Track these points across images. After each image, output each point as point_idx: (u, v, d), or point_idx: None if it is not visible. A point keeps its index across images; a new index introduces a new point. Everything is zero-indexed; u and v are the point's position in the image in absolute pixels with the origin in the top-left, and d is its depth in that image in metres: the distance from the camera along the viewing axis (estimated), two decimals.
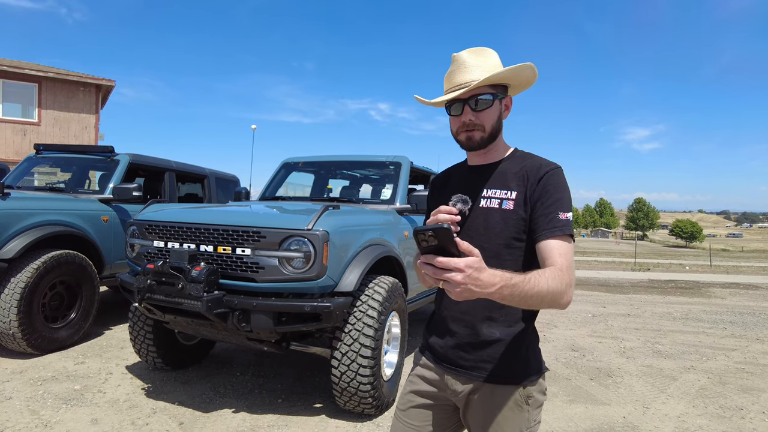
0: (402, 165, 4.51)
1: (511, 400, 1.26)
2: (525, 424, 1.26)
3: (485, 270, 0.97)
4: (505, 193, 1.28)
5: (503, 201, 1.27)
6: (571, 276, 1.13)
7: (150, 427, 2.86)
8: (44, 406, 3.09)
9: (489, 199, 1.30)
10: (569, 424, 3.15)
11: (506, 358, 1.26)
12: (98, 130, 16.06)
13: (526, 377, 1.27)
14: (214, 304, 2.71)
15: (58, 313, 4.28)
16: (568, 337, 5.64)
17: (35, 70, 14.88)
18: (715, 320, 7.07)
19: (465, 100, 1.29)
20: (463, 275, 0.93)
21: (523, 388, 1.26)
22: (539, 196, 1.23)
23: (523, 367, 1.27)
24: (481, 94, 1.28)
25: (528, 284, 1.04)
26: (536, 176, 1.25)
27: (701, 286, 11.84)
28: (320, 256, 2.78)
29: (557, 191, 1.23)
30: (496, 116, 1.31)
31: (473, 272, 0.94)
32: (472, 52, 1.29)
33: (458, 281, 0.93)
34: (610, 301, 8.77)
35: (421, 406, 1.38)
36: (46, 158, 5.74)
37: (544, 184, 1.23)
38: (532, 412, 1.27)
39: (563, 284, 1.10)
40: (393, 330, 3.45)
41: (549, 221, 1.19)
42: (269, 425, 2.96)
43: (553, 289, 1.07)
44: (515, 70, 1.26)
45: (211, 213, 3.21)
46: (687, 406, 3.53)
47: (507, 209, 1.26)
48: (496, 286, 0.98)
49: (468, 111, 1.28)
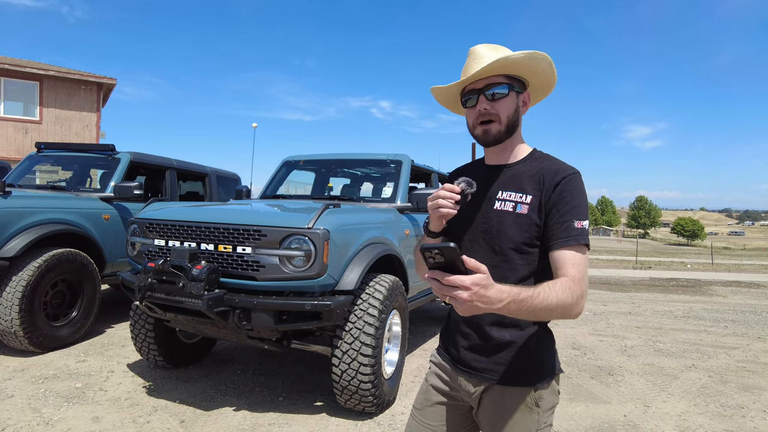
0: (403, 163, 4.51)
1: (522, 402, 1.25)
2: (534, 426, 1.25)
3: (492, 287, 0.97)
4: (521, 197, 1.25)
5: (518, 205, 1.25)
6: (583, 287, 1.13)
7: (151, 425, 2.87)
8: (46, 404, 3.10)
9: (504, 202, 1.27)
10: (570, 422, 3.15)
11: (517, 361, 1.25)
12: (99, 129, 16.08)
13: (538, 379, 1.26)
14: (215, 302, 2.72)
15: (59, 311, 4.29)
16: (569, 335, 5.64)
17: (36, 68, 14.90)
18: (716, 318, 7.06)
19: (480, 90, 1.27)
20: (469, 293, 0.94)
21: (534, 391, 1.25)
22: (555, 202, 1.20)
23: (535, 370, 1.26)
24: (497, 84, 1.26)
25: (537, 299, 1.04)
26: (553, 181, 1.22)
27: (703, 284, 11.83)
28: (321, 254, 2.78)
29: (574, 198, 1.20)
30: (513, 108, 1.28)
31: (480, 289, 0.95)
32: (488, 46, 1.28)
33: (464, 298, 0.94)
34: (611, 299, 8.77)
35: (436, 405, 1.39)
36: (48, 156, 5.75)
37: (560, 190, 1.20)
38: (542, 415, 1.26)
39: (574, 297, 1.10)
40: (394, 328, 3.45)
41: (564, 230, 1.17)
42: (270, 423, 2.96)
43: (563, 302, 1.08)
44: (530, 55, 1.22)
45: (211, 211, 3.21)
46: (688, 404, 3.53)
47: (521, 213, 1.24)
48: (504, 302, 0.99)
49: (483, 100, 1.27)
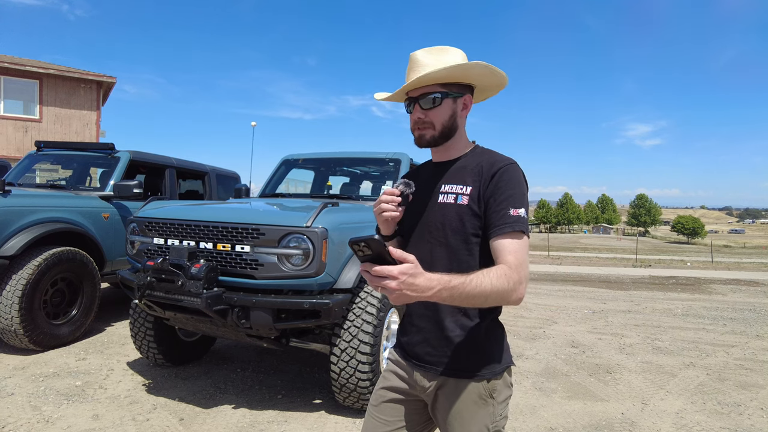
0: (401, 161, 4.52)
1: (476, 394, 1.27)
2: (490, 418, 1.27)
3: (421, 275, 1.01)
4: (461, 188, 1.29)
5: (459, 196, 1.28)
6: (521, 273, 1.14)
7: (150, 423, 2.89)
8: (46, 401, 3.12)
9: (446, 195, 1.31)
10: (568, 420, 3.17)
11: (470, 352, 1.27)
12: (99, 127, 16.08)
13: (491, 371, 1.27)
14: (214, 301, 2.73)
15: (59, 309, 4.31)
16: (568, 333, 5.65)
17: (36, 66, 14.89)
18: (715, 317, 7.07)
19: (415, 99, 1.31)
20: (397, 282, 0.98)
21: (487, 382, 1.27)
22: (492, 192, 1.23)
23: (487, 361, 1.28)
24: (430, 92, 1.29)
25: (469, 285, 1.06)
26: (490, 172, 1.26)
27: (702, 282, 11.84)
28: (319, 253, 2.79)
29: (509, 187, 1.23)
30: (448, 114, 1.31)
31: (407, 278, 0.98)
32: (427, 51, 1.30)
33: (393, 288, 0.98)
34: (610, 297, 8.78)
35: (392, 402, 1.39)
36: (47, 155, 5.76)
37: (496, 180, 1.24)
38: (497, 407, 1.28)
39: (511, 282, 1.11)
40: (392, 326, 3.46)
41: (500, 218, 1.20)
42: (269, 421, 2.98)
43: (498, 287, 1.09)
44: (459, 67, 1.25)
45: (210, 210, 3.22)
46: (685, 402, 3.54)
47: (462, 204, 1.27)
48: (434, 289, 1.02)
49: (417, 109, 1.31)
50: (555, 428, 3.04)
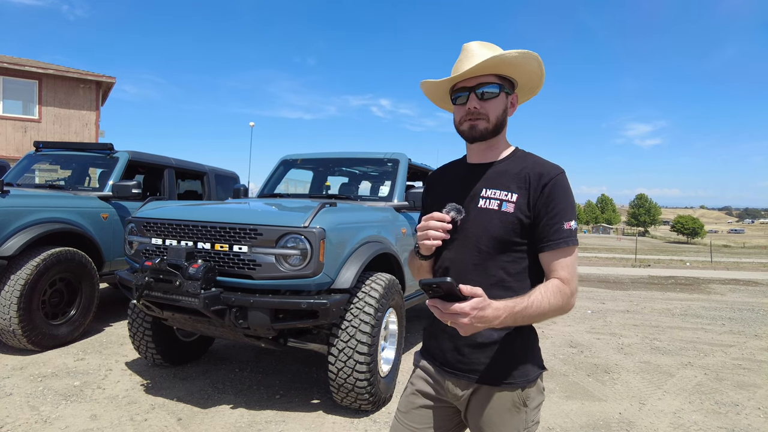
0: (400, 162, 4.52)
1: (510, 402, 1.25)
2: (523, 425, 1.26)
3: (489, 307, 1.05)
4: (506, 195, 1.25)
5: (503, 203, 1.24)
6: (572, 286, 1.18)
7: (149, 423, 2.89)
8: (44, 402, 3.12)
9: (488, 200, 1.26)
10: (565, 420, 3.17)
11: (504, 360, 1.25)
12: (99, 127, 16.07)
13: (525, 379, 1.26)
14: (211, 301, 2.73)
15: (58, 309, 4.31)
16: (567, 333, 5.66)
17: (36, 66, 14.89)
18: (714, 316, 7.08)
19: (471, 88, 1.27)
20: (469, 318, 1.03)
21: (521, 390, 1.26)
22: (544, 204, 1.21)
23: (521, 370, 1.26)
24: (488, 83, 1.26)
25: (531, 308, 1.11)
26: (540, 182, 1.22)
27: (701, 282, 11.85)
28: (317, 253, 2.80)
29: (562, 200, 1.21)
30: (502, 108, 1.29)
31: (478, 312, 1.03)
32: (481, 44, 1.28)
33: (465, 323, 1.04)
34: (609, 297, 8.79)
35: (422, 408, 1.37)
36: (46, 155, 5.76)
37: (549, 192, 1.21)
38: (530, 413, 1.27)
39: (565, 297, 1.16)
40: (390, 326, 3.47)
41: (555, 232, 1.19)
42: (267, 421, 2.98)
43: (555, 305, 1.14)
44: (523, 54, 1.23)
45: (208, 210, 3.23)
46: (683, 402, 3.55)
47: (507, 212, 1.23)
48: (500, 318, 1.07)
49: (473, 99, 1.27)
50: (553, 428, 3.04)
